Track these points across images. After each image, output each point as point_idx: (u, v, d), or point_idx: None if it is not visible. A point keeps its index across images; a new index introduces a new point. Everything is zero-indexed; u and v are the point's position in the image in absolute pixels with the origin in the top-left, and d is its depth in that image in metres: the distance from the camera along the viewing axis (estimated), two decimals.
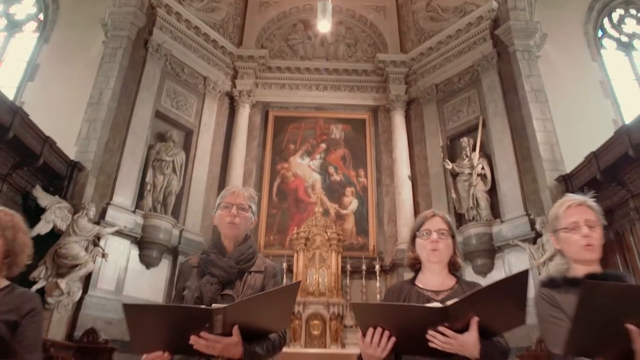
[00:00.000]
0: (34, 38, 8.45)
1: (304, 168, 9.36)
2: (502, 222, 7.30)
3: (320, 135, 9.65)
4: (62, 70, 7.78)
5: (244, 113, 9.27)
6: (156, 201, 7.55)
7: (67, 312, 5.89)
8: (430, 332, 1.37)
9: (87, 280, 6.23)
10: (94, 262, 6.19)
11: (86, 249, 6.11)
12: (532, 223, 6.79)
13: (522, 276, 1.37)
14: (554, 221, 1.63)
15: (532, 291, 1.51)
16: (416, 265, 1.81)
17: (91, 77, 7.64)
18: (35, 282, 5.67)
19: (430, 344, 1.38)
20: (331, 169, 9.34)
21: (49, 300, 5.67)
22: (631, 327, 1.09)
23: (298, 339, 7.20)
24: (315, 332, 7.25)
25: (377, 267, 7.96)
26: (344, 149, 9.53)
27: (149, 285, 7.12)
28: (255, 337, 1.63)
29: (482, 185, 7.73)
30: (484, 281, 7.26)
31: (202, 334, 1.48)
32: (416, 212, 8.55)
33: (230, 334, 1.52)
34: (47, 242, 5.91)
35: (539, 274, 6.25)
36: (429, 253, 1.73)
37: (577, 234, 1.52)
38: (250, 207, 1.97)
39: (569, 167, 6.84)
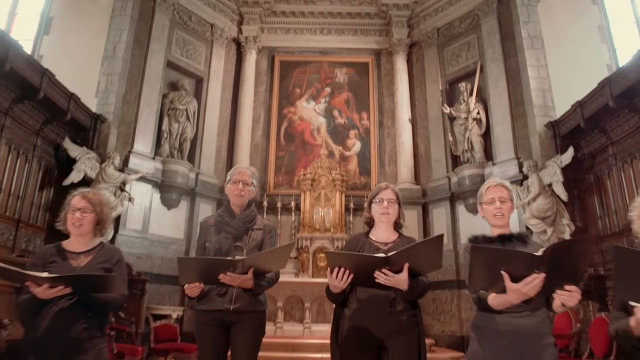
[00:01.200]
0: None
1: (310, 112, 9.81)
2: (493, 164, 7.84)
3: (325, 79, 9.99)
4: (75, 23, 8.04)
5: (250, 59, 9.58)
6: (173, 147, 8.15)
7: None
8: (377, 272, 2.00)
9: (117, 221, 7.00)
10: (122, 205, 6.92)
11: (114, 194, 6.82)
12: (521, 166, 7.32)
13: (439, 238, 2.01)
14: (479, 197, 2.21)
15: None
16: (370, 223, 2.43)
17: (103, 28, 7.94)
18: None
19: (376, 280, 2.02)
20: (335, 112, 9.78)
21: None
22: (504, 272, 1.71)
23: (306, 270, 8.07)
24: (322, 264, 8.08)
25: None
26: (347, 93, 9.91)
27: (171, 224, 7.91)
28: (261, 274, 2.40)
29: (477, 129, 8.19)
30: (474, 219, 7.94)
31: (228, 273, 2.22)
32: (415, 153, 9.11)
33: (246, 273, 2.26)
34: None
35: (524, 212, 6.90)
36: (380, 216, 2.34)
37: (492, 206, 2.11)
38: (252, 182, 2.62)
39: (561, 111, 7.21)
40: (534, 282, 1.66)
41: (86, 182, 6.66)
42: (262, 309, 2.51)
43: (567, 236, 6.50)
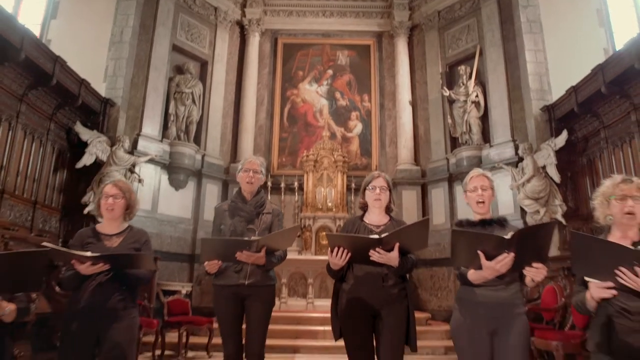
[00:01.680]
0: None
1: (312, 94, 10.01)
2: (490, 146, 8.07)
3: (327, 61, 10.15)
4: (82, 7, 8.17)
5: (254, 42, 9.73)
6: (179, 130, 8.40)
7: None
8: (371, 251, 2.29)
9: None
10: (133, 186, 7.19)
11: (125, 176, 7.08)
12: (517, 148, 7.55)
13: (425, 221, 2.31)
14: (464, 185, 2.48)
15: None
16: (365, 208, 2.71)
17: (110, 13, 8.09)
18: (86, 205, 6.74)
19: (371, 258, 2.31)
20: (337, 95, 9.98)
21: (100, 220, 6.76)
22: (480, 252, 1.98)
23: (309, 247, 8.39)
24: (324, 242, 8.38)
25: None
26: (349, 75, 10.08)
27: (179, 204, 8.21)
28: (271, 252, 2.71)
29: (476, 111, 8.40)
30: None
31: (244, 251, 2.53)
32: (415, 135, 9.34)
33: (259, 252, 2.56)
34: (91, 172, 6.91)
35: (518, 193, 7.17)
36: (373, 202, 2.62)
37: (474, 194, 2.38)
38: (261, 170, 2.89)
39: (557, 95, 7.38)
40: (504, 261, 1.94)
41: (97, 164, 6.94)
42: (272, 283, 2.84)
43: (559, 216, 6.80)
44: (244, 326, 2.78)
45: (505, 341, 2.10)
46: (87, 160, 6.78)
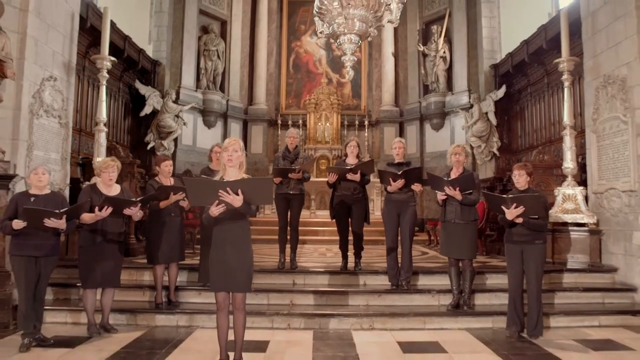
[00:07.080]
0: None
1: (313, 45, 12.07)
2: (452, 94, 10.37)
3: None
4: None
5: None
6: (209, 81, 10.61)
7: None
8: (347, 174, 4.74)
9: (176, 140, 9.71)
10: (180, 128, 9.58)
11: (174, 121, 9.45)
12: (471, 97, 9.84)
13: (370, 161, 4.78)
14: (392, 145, 4.88)
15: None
16: (345, 155, 5.16)
17: None
18: (148, 144, 9.17)
19: (347, 177, 4.76)
20: (334, 46, 11.97)
21: (158, 154, 9.22)
22: (390, 178, 4.45)
23: (312, 172, 10.93)
24: (323, 168, 10.89)
25: (366, 122, 11.36)
26: None
27: (211, 139, 10.51)
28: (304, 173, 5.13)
29: (443, 65, 10.57)
30: (436, 135, 10.60)
31: (291, 173, 4.95)
32: (396, 81, 11.56)
33: (299, 173, 4.99)
34: (149, 118, 9.27)
35: (467, 132, 9.58)
36: (349, 153, 5.05)
37: (394, 151, 4.78)
38: (297, 136, 5.26)
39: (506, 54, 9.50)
40: (400, 182, 4.43)
41: (153, 112, 9.26)
42: (303, 193, 5.25)
43: (495, 150, 9.27)
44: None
45: (404, 218, 4.65)
46: (147, 110, 9.12)
